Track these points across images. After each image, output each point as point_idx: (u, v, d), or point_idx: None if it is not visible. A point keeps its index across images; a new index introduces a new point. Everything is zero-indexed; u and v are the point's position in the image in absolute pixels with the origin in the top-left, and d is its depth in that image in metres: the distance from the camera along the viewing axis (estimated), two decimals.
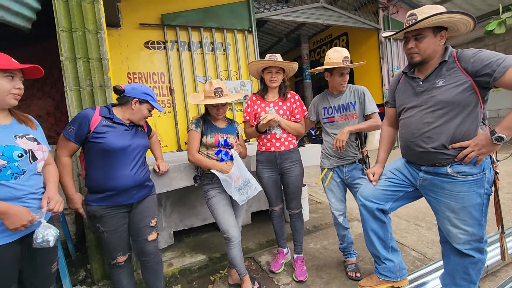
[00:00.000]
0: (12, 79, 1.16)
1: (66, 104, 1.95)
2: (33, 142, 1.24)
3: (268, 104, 2.07)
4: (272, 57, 1.96)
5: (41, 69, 1.25)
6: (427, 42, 1.38)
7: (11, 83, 1.15)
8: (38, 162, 1.24)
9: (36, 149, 1.24)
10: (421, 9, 1.38)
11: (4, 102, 1.16)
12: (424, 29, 1.36)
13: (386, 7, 7.33)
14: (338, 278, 2.09)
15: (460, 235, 1.42)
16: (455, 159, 1.38)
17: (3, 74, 1.13)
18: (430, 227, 2.84)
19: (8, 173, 1.12)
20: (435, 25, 1.35)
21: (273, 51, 11.54)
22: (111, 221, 1.54)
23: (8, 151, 1.12)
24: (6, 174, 1.12)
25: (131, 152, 1.56)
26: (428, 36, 1.37)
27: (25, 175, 1.18)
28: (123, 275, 1.66)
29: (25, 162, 1.18)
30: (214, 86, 1.80)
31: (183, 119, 4.88)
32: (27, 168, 1.19)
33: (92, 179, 1.52)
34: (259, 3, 5.69)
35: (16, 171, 1.15)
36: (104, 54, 2.02)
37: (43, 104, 3.78)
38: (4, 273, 1.14)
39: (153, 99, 1.64)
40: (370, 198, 1.68)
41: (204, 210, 2.84)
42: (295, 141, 2.11)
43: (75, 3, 1.94)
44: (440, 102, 1.37)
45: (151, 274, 1.73)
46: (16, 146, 1.16)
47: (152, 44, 4.65)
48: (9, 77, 1.15)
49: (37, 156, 1.24)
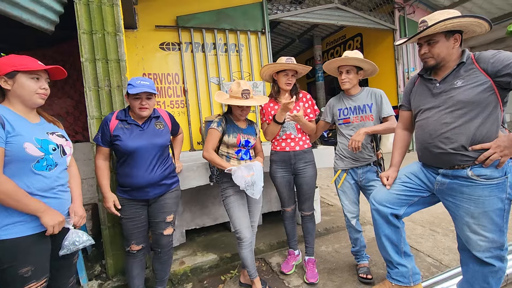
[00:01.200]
0: (38, 80, 1.24)
1: (85, 103, 2.02)
2: (62, 138, 1.35)
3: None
4: (288, 60, 1.99)
5: (64, 70, 1.33)
6: (440, 46, 1.39)
7: (37, 83, 1.23)
8: (67, 156, 1.35)
9: (65, 144, 1.34)
10: (432, 15, 1.40)
11: (31, 101, 1.24)
12: (436, 34, 1.38)
13: (402, 7, 7.18)
14: (349, 282, 2.06)
15: (480, 242, 1.38)
16: (475, 162, 1.34)
17: (30, 76, 1.21)
18: (446, 233, 2.76)
19: (44, 164, 1.22)
20: (446, 30, 1.36)
21: (285, 52, 11.55)
22: (129, 210, 1.70)
23: (45, 144, 1.23)
24: (43, 165, 1.22)
25: (145, 152, 1.64)
26: (440, 41, 1.39)
27: (57, 168, 1.28)
28: (135, 265, 1.79)
29: (57, 156, 1.28)
30: (242, 88, 1.82)
31: (196, 119, 4.95)
32: (59, 162, 1.29)
33: (118, 174, 1.71)
34: (272, 4, 5.70)
35: (51, 163, 1.25)
36: (122, 56, 2.08)
37: (63, 103, 3.92)
38: (41, 262, 1.22)
39: (130, 86, 1.57)
40: (383, 203, 1.65)
41: (215, 210, 2.86)
42: (309, 141, 2.11)
43: (95, 6, 2.01)
44: (459, 102, 1.35)
45: (161, 265, 1.86)
46: (50, 140, 1.26)
47: (167, 45, 4.74)
48: (35, 78, 1.23)
49: (66, 151, 1.34)
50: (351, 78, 1.95)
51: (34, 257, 1.18)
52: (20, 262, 1.15)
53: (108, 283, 2.11)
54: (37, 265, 1.19)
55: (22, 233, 1.16)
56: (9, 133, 1.13)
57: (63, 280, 1.37)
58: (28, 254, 1.17)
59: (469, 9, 7.13)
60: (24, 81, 1.20)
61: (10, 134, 1.13)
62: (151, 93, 1.64)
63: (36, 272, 1.19)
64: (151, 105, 1.67)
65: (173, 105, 4.81)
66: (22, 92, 1.20)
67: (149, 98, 1.64)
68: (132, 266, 1.78)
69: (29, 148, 1.16)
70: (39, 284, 1.20)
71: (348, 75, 1.94)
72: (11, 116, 1.18)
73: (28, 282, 1.16)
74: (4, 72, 1.17)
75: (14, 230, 1.14)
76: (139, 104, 1.61)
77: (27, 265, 1.16)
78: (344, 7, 6.39)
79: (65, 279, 1.38)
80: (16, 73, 1.18)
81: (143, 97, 1.61)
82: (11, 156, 1.13)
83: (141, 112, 1.63)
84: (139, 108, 1.61)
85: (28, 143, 1.16)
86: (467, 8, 7.10)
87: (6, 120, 1.14)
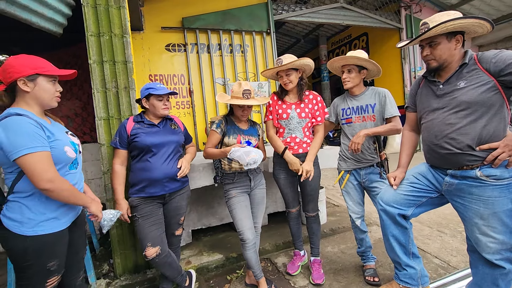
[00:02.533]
0: (54, 83, 1.26)
1: (93, 105, 2.05)
2: (75, 137, 1.38)
3: (290, 106, 2.01)
4: (278, 61, 1.95)
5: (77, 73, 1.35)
6: (442, 48, 1.40)
7: (54, 86, 1.26)
8: (81, 154, 1.40)
9: (78, 143, 1.38)
10: (432, 17, 1.41)
11: (49, 104, 1.26)
12: (437, 36, 1.39)
13: (408, 6, 7.11)
14: (356, 282, 2.05)
15: (490, 243, 1.36)
16: (484, 162, 1.32)
17: (49, 79, 1.23)
18: (454, 234, 2.72)
19: (73, 164, 1.30)
20: (447, 31, 1.36)
21: (290, 52, 11.50)
22: (146, 207, 1.73)
23: (74, 145, 1.29)
24: (73, 165, 1.30)
25: (161, 147, 1.73)
26: (441, 43, 1.40)
27: (79, 166, 1.35)
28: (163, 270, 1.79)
29: (79, 155, 1.35)
30: (243, 88, 1.83)
31: (201, 120, 4.97)
32: (79, 160, 1.36)
33: (133, 171, 1.76)
34: (277, 5, 5.70)
35: (78, 162, 1.33)
36: (129, 57, 2.10)
37: (71, 105, 3.98)
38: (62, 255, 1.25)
39: (154, 89, 1.73)
40: (391, 203, 1.64)
41: (221, 210, 2.88)
42: None
43: (103, 8, 2.03)
44: (463, 103, 1.35)
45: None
46: (73, 141, 1.31)
47: (172, 46, 4.77)
48: (53, 81, 1.25)
49: (80, 149, 1.38)
50: (353, 77, 1.92)
51: (60, 251, 1.24)
52: (49, 256, 1.19)
53: (116, 282, 2.13)
54: (61, 259, 1.24)
55: (56, 229, 1.21)
56: (49, 138, 1.17)
57: (74, 275, 1.40)
58: (56, 249, 1.22)
59: (477, 7, 7.02)
60: (45, 85, 1.21)
61: (50, 139, 1.17)
62: (170, 95, 1.82)
63: (60, 266, 1.24)
64: (169, 106, 1.86)
65: (179, 105, 4.85)
66: (43, 95, 1.21)
67: (168, 99, 1.83)
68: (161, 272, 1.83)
69: (69, 152, 1.23)
70: (58, 278, 1.25)
71: (350, 74, 1.93)
72: (39, 120, 1.18)
73: (52, 275, 1.21)
74: (24, 74, 1.15)
75: (49, 226, 1.19)
76: (162, 104, 1.76)
77: (54, 259, 1.20)
78: (349, 7, 6.35)
79: (75, 274, 1.41)
80: (37, 76, 1.19)
81: (165, 98, 1.78)
82: (54, 160, 1.17)
83: (164, 111, 1.79)
84: (163, 109, 1.77)
85: (67, 146, 1.23)
86: (475, 6, 6.98)
87: (42, 125, 1.16)
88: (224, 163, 1.93)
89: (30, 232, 1.14)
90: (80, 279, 1.44)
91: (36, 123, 1.14)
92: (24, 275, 1.17)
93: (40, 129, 1.14)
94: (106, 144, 2.04)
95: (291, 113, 2.01)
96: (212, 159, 1.97)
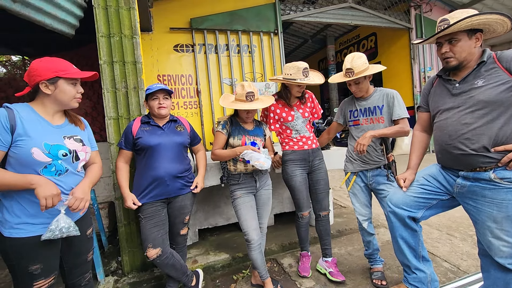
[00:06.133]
0: (76, 85, 1.28)
1: (103, 104, 2.08)
2: (79, 143, 1.32)
3: (292, 108, 2.07)
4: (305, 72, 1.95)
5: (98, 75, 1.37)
6: (462, 45, 1.35)
7: (75, 88, 1.28)
8: (79, 162, 1.32)
9: (80, 150, 1.31)
10: (452, 14, 1.36)
11: (68, 106, 1.28)
12: (458, 33, 1.34)
13: (418, 6, 7.00)
14: (363, 285, 2.03)
15: (503, 247, 1.32)
16: (498, 164, 1.29)
17: (70, 81, 1.25)
18: (464, 237, 2.67)
19: (52, 170, 1.21)
20: (469, 27, 1.32)
21: (298, 53, 11.48)
22: (150, 208, 1.74)
23: (54, 149, 1.20)
24: (51, 171, 1.20)
25: (164, 148, 1.75)
26: (462, 39, 1.35)
27: (67, 173, 1.26)
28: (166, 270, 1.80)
29: (68, 161, 1.26)
30: (246, 90, 1.80)
31: (209, 120, 5.00)
32: (69, 167, 1.27)
33: (137, 171, 1.78)
34: (285, 5, 5.69)
35: (60, 168, 1.23)
36: (138, 58, 2.13)
37: (82, 104, 4.02)
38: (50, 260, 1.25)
39: (148, 89, 1.75)
40: (400, 205, 1.61)
41: (228, 210, 2.88)
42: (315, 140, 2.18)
43: (113, 10, 2.07)
44: (480, 102, 1.31)
45: None
46: (62, 145, 1.24)
47: (181, 47, 4.82)
48: (74, 83, 1.27)
49: (80, 156, 1.31)
50: (361, 87, 1.91)
51: (43, 256, 1.21)
52: (29, 260, 1.18)
53: (124, 279, 2.16)
54: (46, 263, 1.22)
55: (33, 233, 1.18)
56: (20, 135, 1.13)
57: (79, 276, 1.41)
58: (37, 253, 1.19)
59: (490, 6, 6.87)
60: (65, 87, 1.23)
61: (20, 137, 1.14)
62: (167, 94, 1.80)
63: (45, 270, 1.22)
64: (168, 105, 1.81)
65: (186, 106, 4.89)
66: (62, 98, 1.23)
67: (166, 98, 1.80)
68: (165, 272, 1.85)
69: (36, 154, 1.15)
70: (47, 281, 1.23)
71: (358, 86, 1.91)
72: (30, 116, 1.18)
73: (38, 279, 1.20)
74: (45, 77, 1.18)
75: (23, 230, 1.17)
76: (157, 103, 1.75)
77: (36, 263, 1.19)
78: (358, 6, 6.30)
79: (80, 275, 1.41)
80: (58, 79, 1.21)
81: (160, 97, 1.76)
82: (18, 159, 1.14)
83: (160, 111, 1.76)
84: (158, 108, 1.75)
85: (36, 148, 1.15)
86: (488, 5, 6.84)
87: (21, 121, 1.14)
88: (229, 164, 1.93)
89: (6, 233, 1.15)
90: (86, 280, 1.45)
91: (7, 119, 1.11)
92: (13, 274, 1.20)
93: (3, 129, 1.11)
94: (115, 143, 2.07)
95: (295, 114, 2.08)
96: (222, 160, 1.96)
